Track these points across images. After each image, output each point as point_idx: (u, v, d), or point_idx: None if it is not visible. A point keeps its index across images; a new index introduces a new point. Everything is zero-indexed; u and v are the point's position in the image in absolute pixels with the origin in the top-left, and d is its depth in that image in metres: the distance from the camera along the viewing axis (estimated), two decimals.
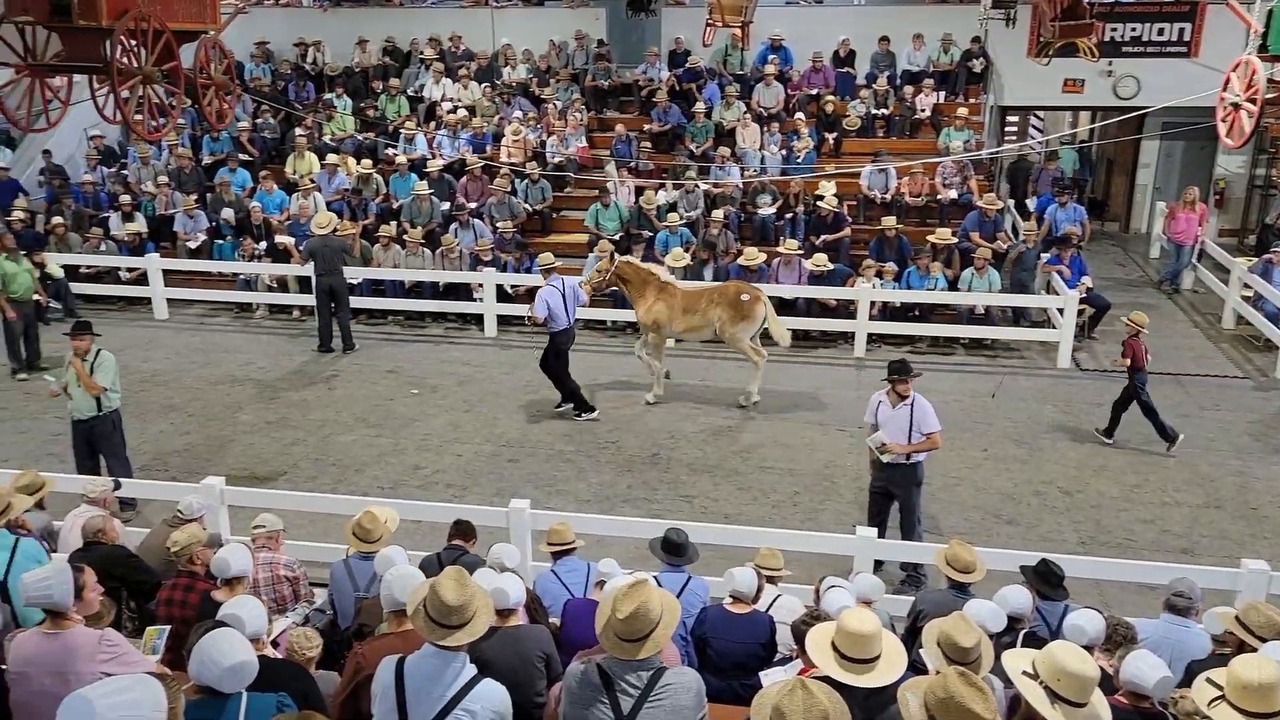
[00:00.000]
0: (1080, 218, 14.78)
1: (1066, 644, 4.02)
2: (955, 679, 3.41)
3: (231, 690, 3.61)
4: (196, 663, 3.65)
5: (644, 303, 11.56)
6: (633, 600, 3.77)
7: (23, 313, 12.26)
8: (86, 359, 8.70)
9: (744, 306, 11.31)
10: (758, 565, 6.15)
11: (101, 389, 8.73)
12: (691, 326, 11.48)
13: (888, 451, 7.80)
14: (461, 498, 9.21)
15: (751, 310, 11.32)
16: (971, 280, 13.30)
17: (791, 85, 17.57)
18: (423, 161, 16.22)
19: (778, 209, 15.07)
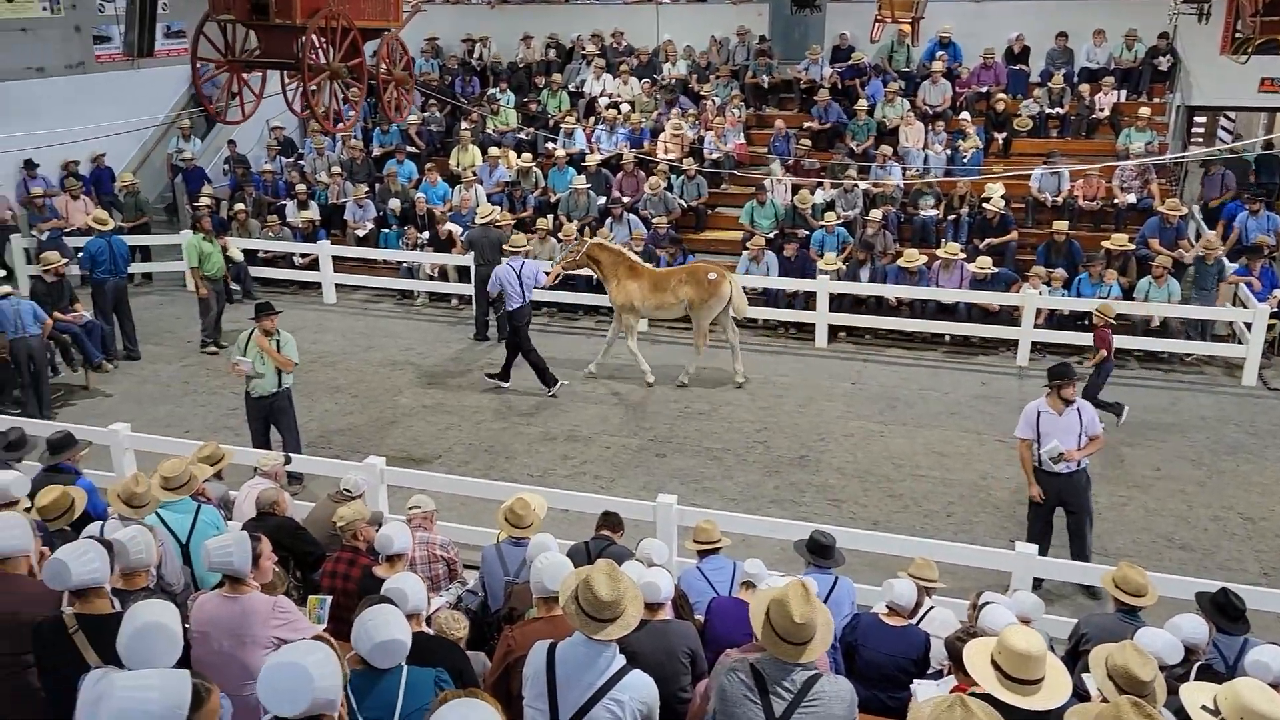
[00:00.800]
0: (1275, 226, 13.78)
1: (1254, 682, 3.77)
2: (1127, 709, 3.26)
3: (382, 666, 3.71)
4: (356, 635, 3.79)
5: (615, 283, 11.91)
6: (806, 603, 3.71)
7: (215, 290, 13.11)
8: (272, 337, 9.16)
9: (711, 285, 11.71)
10: (912, 575, 5.98)
11: (294, 364, 9.29)
12: (662, 304, 11.86)
13: (1064, 459, 7.54)
14: (609, 489, 9.28)
15: (718, 289, 11.71)
16: (1149, 290, 12.56)
17: (960, 82, 17.01)
18: (581, 156, 16.45)
19: (940, 210, 14.62)
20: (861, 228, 14.14)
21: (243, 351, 9.18)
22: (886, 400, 11.61)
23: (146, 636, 3.24)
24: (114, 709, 2.70)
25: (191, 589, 5.63)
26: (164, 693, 2.76)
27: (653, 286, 11.82)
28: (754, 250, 13.89)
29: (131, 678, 2.84)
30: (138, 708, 2.70)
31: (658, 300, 11.82)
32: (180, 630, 3.39)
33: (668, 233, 14.75)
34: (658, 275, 11.96)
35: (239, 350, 9.23)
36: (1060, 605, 7.61)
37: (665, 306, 11.90)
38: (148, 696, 2.73)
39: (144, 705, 2.70)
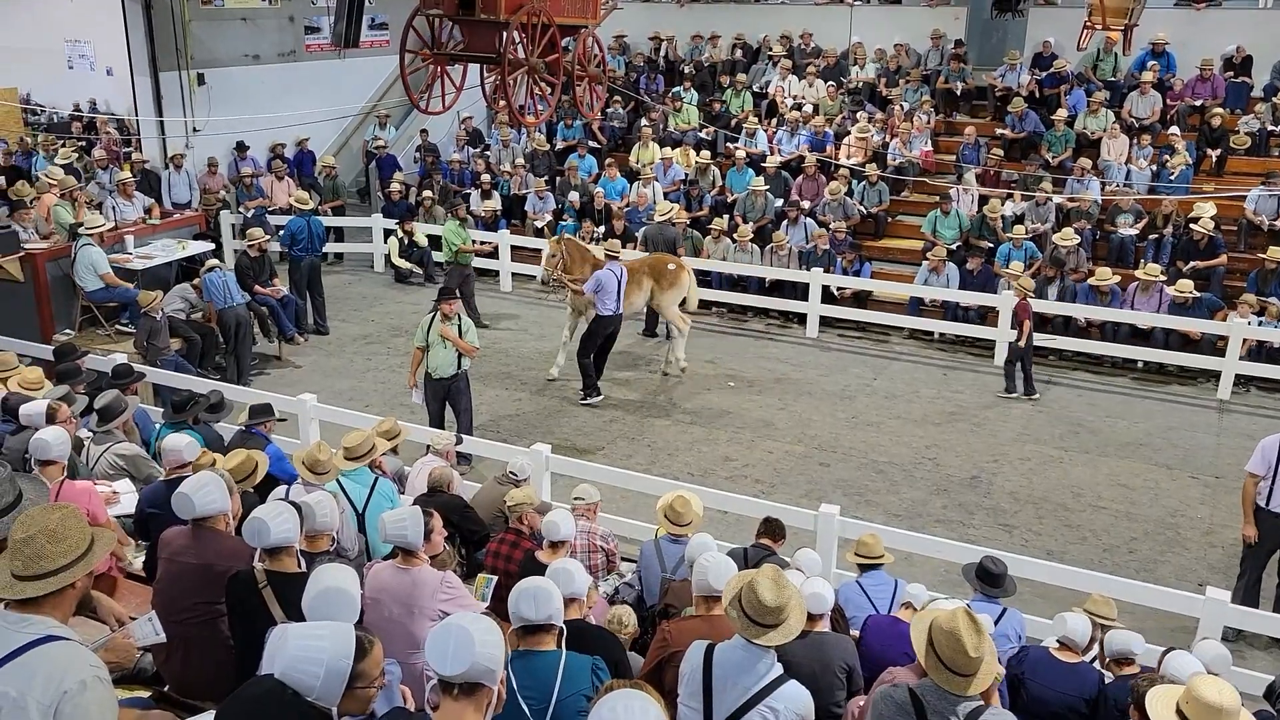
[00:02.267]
0: None
1: None
2: None
3: (530, 617, 3.78)
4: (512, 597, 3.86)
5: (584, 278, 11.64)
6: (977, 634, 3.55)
7: (462, 273, 13.72)
8: (452, 321, 9.46)
9: (671, 275, 12.13)
10: (1088, 611, 5.64)
11: (476, 350, 9.59)
12: (628, 296, 11.65)
13: None
14: (769, 495, 9.15)
15: (678, 278, 12.17)
16: None
17: (1171, 95, 15.95)
18: (761, 157, 16.33)
19: (1141, 229, 13.78)
20: (1051, 244, 13.47)
21: (425, 335, 9.48)
22: (1069, 425, 11.03)
23: (329, 597, 3.45)
24: (289, 654, 2.92)
25: (365, 556, 5.87)
26: (333, 641, 2.96)
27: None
28: (934, 261, 13.46)
29: (305, 628, 3.05)
30: (310, 654, 2.91)
31: (626, 294, 11.59)
32: (358, 595, 3.55)
33: (846, 239, 14.46)
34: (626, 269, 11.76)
35: (421, 334, 9.55)
36: (1253, 659, 7.03)
37: (631, 298, 11.76)
38: (320, 645, 2.93)
39: (316, 652, 2.91)
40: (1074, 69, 16.82)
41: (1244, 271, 12.95)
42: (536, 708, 3.65)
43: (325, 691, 2.90)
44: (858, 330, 14.09)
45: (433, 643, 2.93)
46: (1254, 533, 7.25)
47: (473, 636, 2.89)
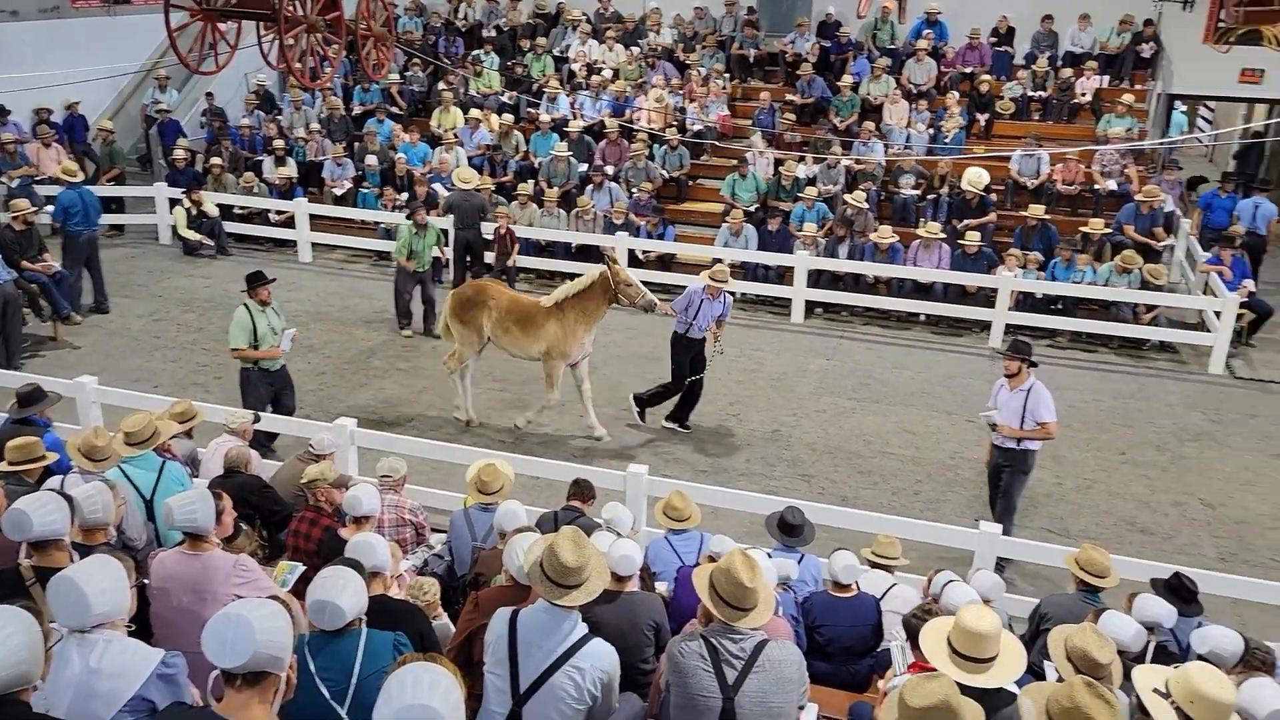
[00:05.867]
0: (1271, 215, 13.95)
1: (1205, 666, 3.83)
2: (1082, 689, 3.30)
3: (322, 626, 3.71)
4: (308, 594, 3.79)
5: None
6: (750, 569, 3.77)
7: (416, 278, 12.53)
8: (269, 307, 8.87)
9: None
10: (874, 552, 6.04)
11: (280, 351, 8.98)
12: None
13: (998, 431, 7.74)
14: (579, 459, 9.28)
15: None
16: (1109, 276, 12.65)
17: (945, 62, 16.97)
18: (564, 122, 16.33)
19: (921, 190, 14.64)
20: (842, 204, 14.14)
21: (251, 330, 8.76)
22: (860, 377, 11.66)
23: (58, 590, 3.30)
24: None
25: (154, 545, 5.60)
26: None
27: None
28: (734, 223, 13.87)
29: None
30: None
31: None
32: (111, 589, 3.38)
33: (649, 202, 14.70)
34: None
35: (247, 331, 8.74)
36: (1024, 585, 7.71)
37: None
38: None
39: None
40: (855, 37, 17.60)
41: (1011, 228, 13.99)
42: (336, 689, 3.60)
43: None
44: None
45: (210, 633, 2.84)
46: (988, 459, 8.08)
47: (253, 624, 2.82)
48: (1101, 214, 13.90)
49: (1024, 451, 7.79)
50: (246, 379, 8.95)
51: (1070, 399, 10.90)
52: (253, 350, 8.75)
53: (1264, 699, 4.03)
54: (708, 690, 3.72)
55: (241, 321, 8.71)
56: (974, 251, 13.10)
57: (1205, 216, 14.48)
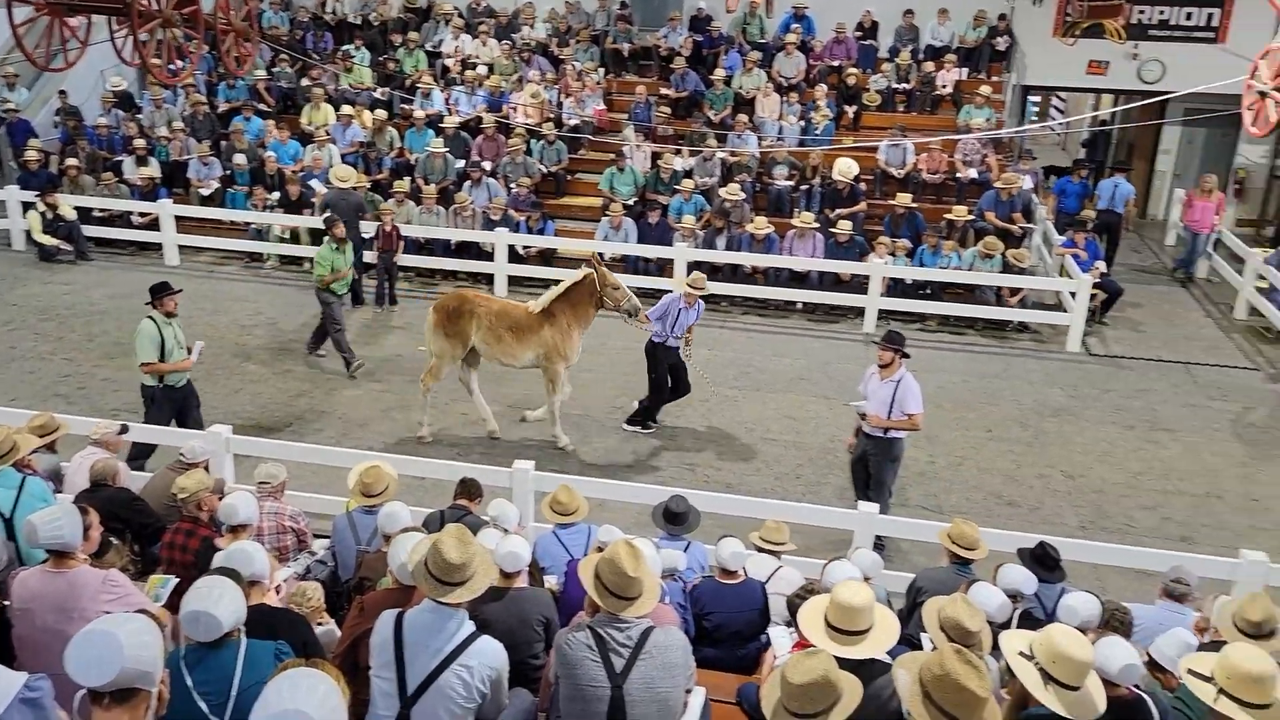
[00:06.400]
0: (1129, 194, 14.78)
1: (1065, 628, 4.04)
2: (952, 657, 3.44)
3: (198, 638, 3.61)
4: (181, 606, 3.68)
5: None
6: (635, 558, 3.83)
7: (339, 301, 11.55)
8: (175, 319, 8.47)
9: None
10: (762, 538, 6.18)
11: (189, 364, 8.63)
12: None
13: (867, 421, 7.93)
14: (465, 457, 9.23)
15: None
16: (973, 261, 13.22)
17: (813, 55, 17.40)
18: (439, 118, 16.13)
19: (794, 181, 14.98)
20: (719, 197, 14.36)
21: (159, 344, 8.33)
22: (740, 366, 11.89)
23: None
24: None
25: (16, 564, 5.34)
26: None
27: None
28: (614, 217, 13.95)
29: None
30: None
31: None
32: None
33: (528, 197, 14.66)
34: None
35: (152, 345, 8.31)
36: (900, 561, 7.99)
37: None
38: None
39: None
40: (726, 31, 17.88)
41: (881, 216, 14.45)
42: (215, 703, 3.51)
43: None
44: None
45: (74, 651, 2.74)
46: (853, 443, 8.35)
47: (120, 640, 2.73)
48: (964, 201, 14.47)
49: (891, 440, 8.00)
50: (150, 396, 8.52)
51: (940, 380, 11.35)
52: (161, 364, 8.37)
53: (1115, 656, 4.27)
54: (596, 680, 3.77)
55: (149, 334, 8.31)
56: (846, 240, 13.49)
57: (1060, 202, 15.22)
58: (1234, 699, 3.80)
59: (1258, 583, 6.40)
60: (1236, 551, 6.88)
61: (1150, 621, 5.59)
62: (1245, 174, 17.82)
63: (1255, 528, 8.71)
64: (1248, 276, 13.91)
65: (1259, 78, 8.72)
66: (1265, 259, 13.43)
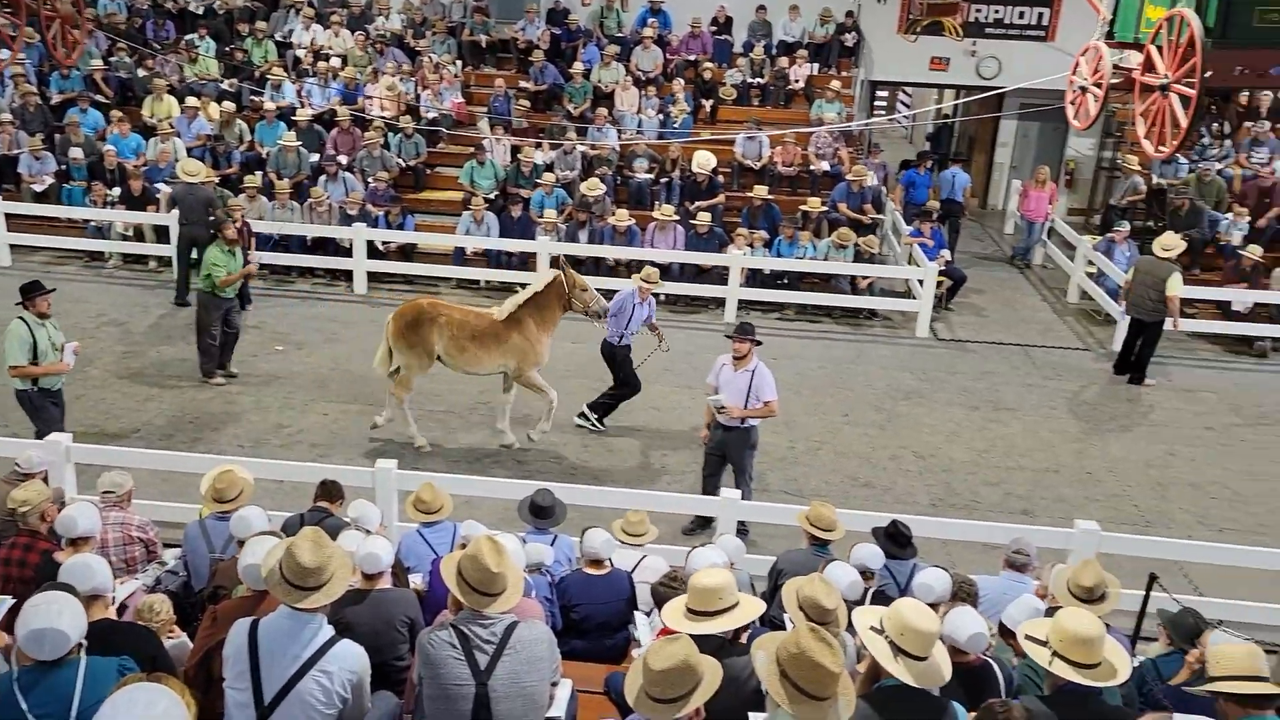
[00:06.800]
0: (966, 183, 15.52)
1: (913, 601, 4.23)
2: (806, 635, 3.55)
3: (39, 656, 3.45)
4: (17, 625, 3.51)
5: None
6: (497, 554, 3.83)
7: (224, 305, 10.77)
8: (49, 319, 8.00)
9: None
10: (624, 530, 6.25)
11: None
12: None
13: (725, 413, 8.03)
14: (326, 458, 9.04)
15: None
16: (828, 251, 13.66)
17: (670, 50, 17.62)
18: (291, 110, 15.66)
19: (654, 173, 15.14)
20: (580, 192, 14.40)
21: (49, 345, 7.95)
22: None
23: None
24: None
25: None
26: None
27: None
28: (476, 211, 13.83)
29: None
30: None
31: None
32: None
33: (386, 192, 14.39)
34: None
35: (23, 347, 7.89)
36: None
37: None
38: None
39: None
40: (584, 24, 17.93)
41: (738, 209, 14.75)
42: None
43: None
44: (406, 284, 14.16)
45: None
46: (706, 435, 8.40)
47: None
48: (818, 193, 14.92)
49: (749, 428, 8.18)
50: (29, 401, 8.07)
51: (798, 367, 11.69)
52: (34, 367, 7.89)
53: (963, 624, 4.51)
54: (460, 678, 3.76)
55: (20, 336, 7.84)
56: (705, 231, 13.72)
57: (907, 193, 15.83)
58: (1067, 660, 4.06)
59: (1090, 550, 6.79)
60: (1072, 522, 7.28)
61: (994, 592, 5.89)
62: (1075, 165, 18.92)
63: (1089, 499, 9.28)
64: (1078, 262, 14.78)
65: (1080, 74, 9.26)
66: (1094, 246, 14.27)
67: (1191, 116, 7.59)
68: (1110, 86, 8.76)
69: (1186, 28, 7.53)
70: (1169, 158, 14.13)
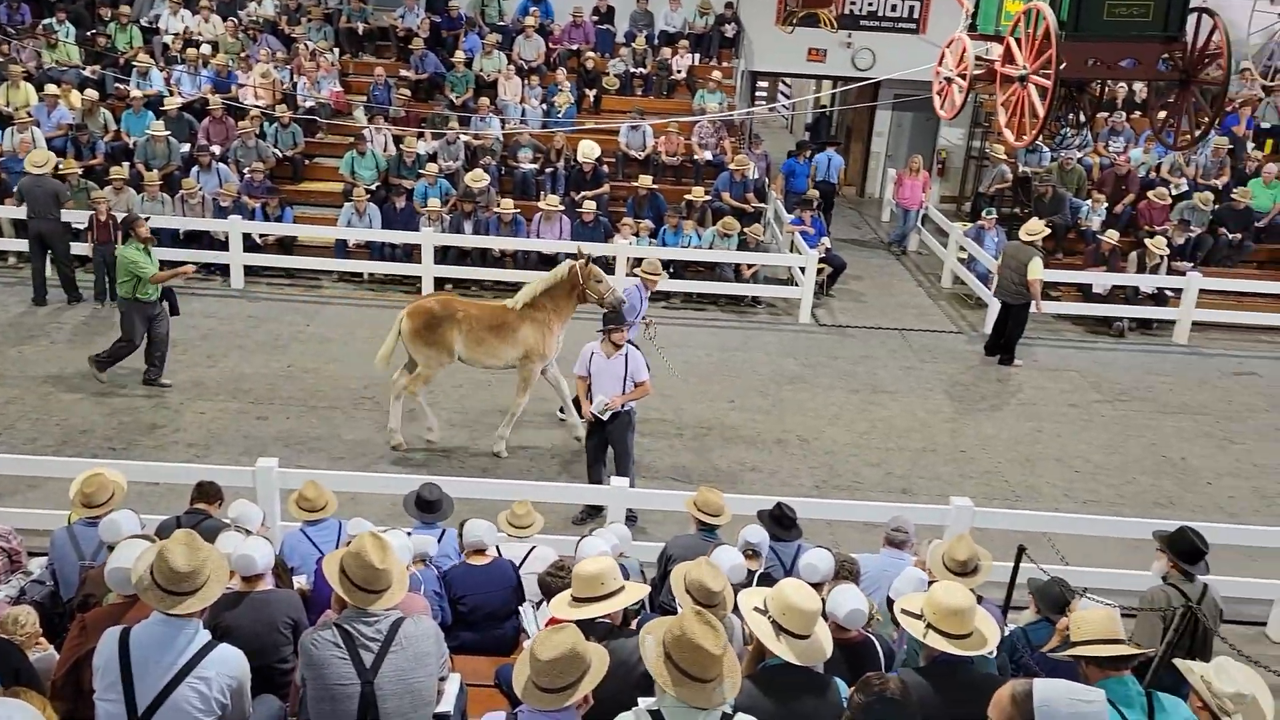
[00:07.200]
0: (840, 166, 16.08)
1: (795, 581, 4.34)
2: (691, 618, 3.62)
3: None
4: None
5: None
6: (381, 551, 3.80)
7: (149, 311, 10.22)
8: None
9: None
10: (510, 520, 6.25)
11: None
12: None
13: (609, 408, 8.07)
14: (204, 458, 8.79)
15: None
16: (713, 240, 13.85)
17: (552, 39, 17.56)
18: (159, 99, 15.07)
19: (539, 164, 15.08)
20: (464, 183, 14.24)
21: None
22: None
23: None
24: None
25: None
26: None
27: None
28: (358, 202, 13.56)
29: None
30: None
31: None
32: None
33: (263, 183, 13.98)
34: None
35: None
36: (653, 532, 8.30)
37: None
38: None
39: None
40: (465, 12, 17.72)
41: (623, 198, 14.82)
42: None
43: None
44: (286, 277, 13.82)
45: None
46: (590, 413, 8.35)
47: None
48: (702, 182, 15.08)
49: (628, 412, 8.27)
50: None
51: (685, 355, 11.82)
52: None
53: (843, 601, 4.66)
54: (345, 678, 3.71)
55: None
56: (591, 220, 13.75)
57: (788, 182, 16.16)
58: (940, 632, 4.23)
59: (965, 526, 7.07)
60: (948, 499, 7.56)
61: (875, 569, 6.09)
62: (946, 154, 19.58)
63: (963, 476, 9.65)
64: (951, 248, 15.32)
65: (946, 65, 9.59)
66: (965, 232, 14.82)
67: (1048, 107, 7.94)
68: (973, 78, 9.10)
69: (1042, 21, 7.87)
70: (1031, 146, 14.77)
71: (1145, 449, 10.39)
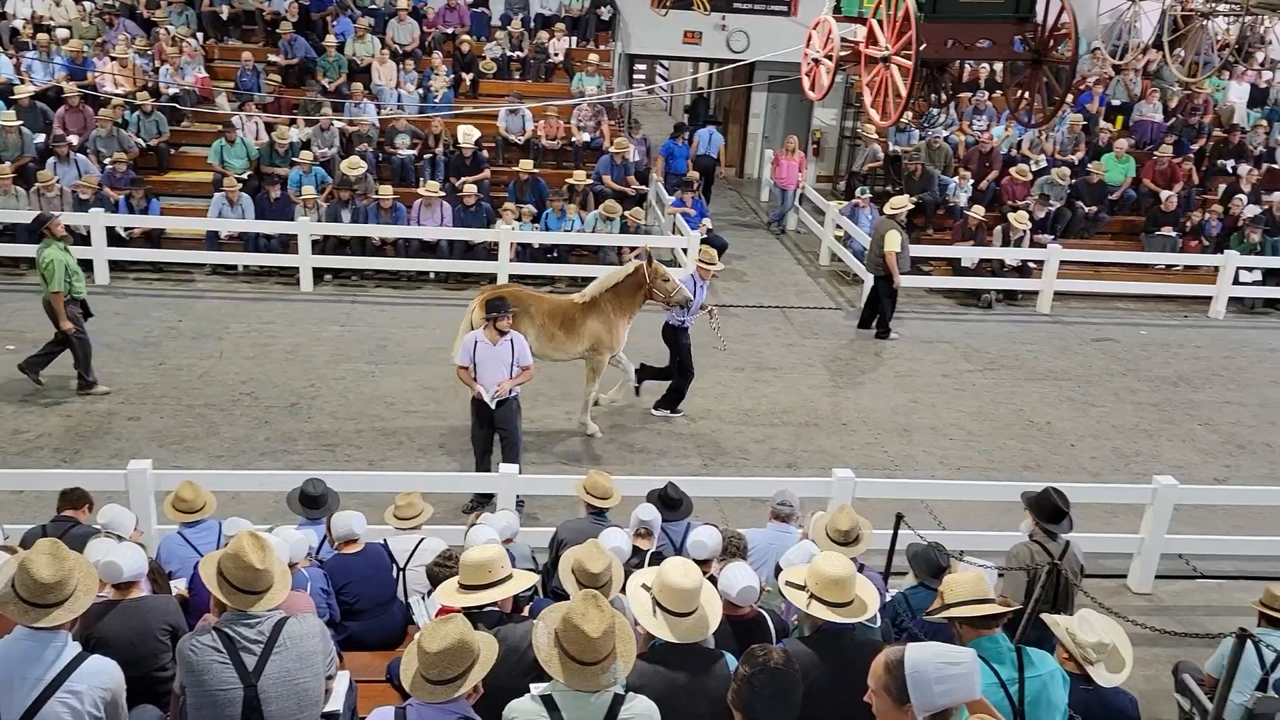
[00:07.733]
0: (720, 142, 16.49)
1: (679, 560, 4.41)
2: (579, 602, 3.65)
3: None
4: None
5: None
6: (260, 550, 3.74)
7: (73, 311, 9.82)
8: None
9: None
10: (395, 513, 6.19)
11: None
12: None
13: (498, 395, 8.08)
14: (72, 462, 8.45)
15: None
16: (595, 223, 13.89)
17: (427, 23, 17.27)
18: (9, 87, 14.30)
19: (418, 149, 14.85)
20: (340, 171, 13.93)
21: None
22: (377, 341, 11.72)
23: None
24: None
25: None
26: None
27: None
28: (230, 192, 13.14)
29: None
30: None
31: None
32: None
33: (126, 174, 13.42)
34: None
35: None
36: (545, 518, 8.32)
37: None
38: None
39: None
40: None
41: (505, 183, 14.72)
42: None
43: None
44: (155, 272, 13.33)
45: None
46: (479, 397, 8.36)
47: None
48: (582, 166, 15.08)
49: (515, 397, 8.29)
50: None
51: None
52: None
53: (734, 578, 4.75)
54: (226, 683, 3.64)
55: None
56: (473, 205, 13.63)
57: (668, 164, 16.29)
58: (822, 601, 4.37)
59: (847, 496, 7.29)
60: (830, 471, 7.76)
61: (762, 543, 6.22)
62: (821, 135, 19.99)
63: (845, 448, 9.94)
64: (828, 227, 15.69)
65: (813, 47, 9.81)
66: (840, 210, 15.19)
67: (910, 87, 8.20)
68: (839, 59, 9.33)
69: (902, 3, 8.12)
70: (900, 126, 15.21)
71: (1013, 415, 10.88)
